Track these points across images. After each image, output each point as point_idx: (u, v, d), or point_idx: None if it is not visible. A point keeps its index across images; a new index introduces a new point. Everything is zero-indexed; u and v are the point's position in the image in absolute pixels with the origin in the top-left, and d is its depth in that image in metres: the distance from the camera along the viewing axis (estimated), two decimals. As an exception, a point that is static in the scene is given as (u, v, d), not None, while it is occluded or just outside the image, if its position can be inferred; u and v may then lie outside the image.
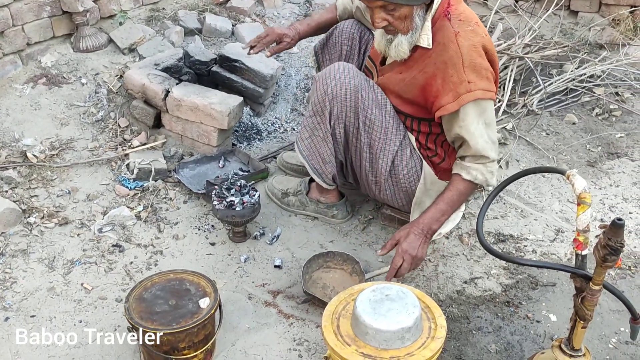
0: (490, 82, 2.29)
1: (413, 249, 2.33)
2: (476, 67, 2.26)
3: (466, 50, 2.25)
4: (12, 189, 2.79)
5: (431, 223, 2.36)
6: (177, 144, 3.22)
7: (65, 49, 3.51)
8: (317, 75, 2.51)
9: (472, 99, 2.26)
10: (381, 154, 2.51)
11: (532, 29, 3.95)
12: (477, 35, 2.28)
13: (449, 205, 2.38)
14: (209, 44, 3.88)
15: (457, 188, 2.38)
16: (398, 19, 2.27)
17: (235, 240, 2.72)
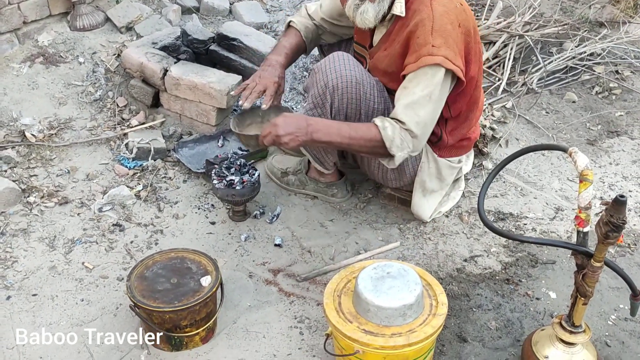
0: (457, 56, 2.22)
1: (283, 130, 2.22)
2: (445, 34, 2.20)
3: (438, 15, 2.21)
4: (11, 168, 2.78)
5: (320, 129, 2.27)
6: (176, 123, 3.21)
7: (62, 27, 3.47)
8: (316, 67, 2.46)
9: (431, 62, 2.20)
10: None
11: (532, 7, 3.92)
12: (452, 4, 2.24)
13: (351, 132, 2.27)
14: (207, 23, 3.84)
15: (363, 128, 2.29)
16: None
17: (235, 219, 2.72)
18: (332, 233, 2.67)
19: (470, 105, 2.47)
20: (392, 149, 2.28)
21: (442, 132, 2.51)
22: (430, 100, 2.24)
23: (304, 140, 2.25)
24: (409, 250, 2.58)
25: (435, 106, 2.28)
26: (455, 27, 2.22)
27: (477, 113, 2.58)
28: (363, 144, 2.30)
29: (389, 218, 2.76)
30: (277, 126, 2.24)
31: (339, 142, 2.29)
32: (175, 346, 2.12)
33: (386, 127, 2.26)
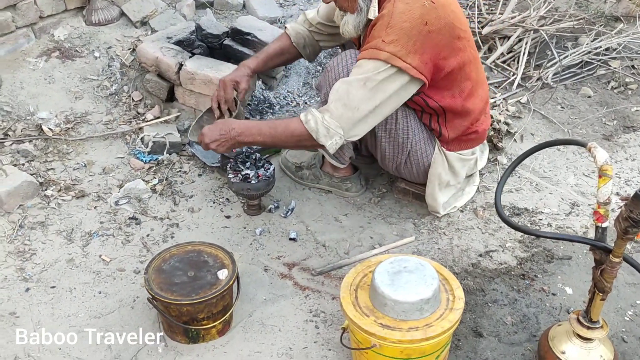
0: (408, 53, 2.21)
1: (209, 138, 2.39)
2: (399, 31, 2.20)
3: (398, 12, 2.22)
4: (29, 162, 2.81)
5: (242, 133, 2.39)
6: (191, 118, 3.22)
7: (78, 22, 3.49)
8: (328, 65, 2.50)
9: (375, 56, 2.22)
10: (400, 132, 2.51)
11: (547, 1, 3.90)
12: (417, 2, 2.22)
13: (271, 131, 2.38)
14: (221, 17, 3.85)
15: (290, 123, 2.37)
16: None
17: (250, 213, 2.73)
18: (347, 227, 2.68)
19: (464, 98, 2.46)
20: (320, 139, 2.33)
21: (441, 127, 2.52)
22: (364, 87, 2.25)
23: (230, 144, 2.40)
24: (424, 245, 2.58)
25: (372, 95, 2.26)
26: (416, 25, 2.21)
27: (479, 105, 2.55)
28: (288, 139, 2.40)
29: (403, 213, 2.77)
30: (204, 135, 2.41)
31: (263, 141, 2.42)
32: (192, 339, 2.13)
33: (309, 120, 2.32)
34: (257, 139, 2.40)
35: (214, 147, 2.40)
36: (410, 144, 2.54)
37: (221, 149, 2.41)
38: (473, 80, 2.45)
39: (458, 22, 2.34)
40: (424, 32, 2.21)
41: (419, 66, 2.24)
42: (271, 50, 2.79)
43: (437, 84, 2.36)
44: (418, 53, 2.22)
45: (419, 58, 2.23)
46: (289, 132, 2.37)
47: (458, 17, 2.35)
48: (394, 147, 2.55)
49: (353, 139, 2.37)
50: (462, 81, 2.41)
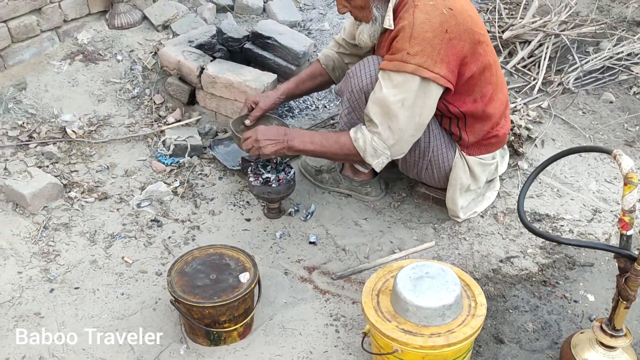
0: (435, 63, 2.23)
1: (263, 135, 2.43)
2: (423, 42, 2.22)
3: (419, 22, 2.23)
4: (53, 164, 2.84)
5: (295, 138, 2.44)
6: (212, 121, 3.25)
7: (101, 25, 3.53)
8: (350, 71, 2.51)
9: (401, 69, 2.25)
10: (422, 137, 2.51)
11: (569, 6, 3.88)
12: (436, 10, 2.24)
13: (322, 141, 2.44)
14: (241, 21, 3.87)
15: (339, 136, 2.44)
16: (354, 7, 2.39)
17: (270, 217, 2.74)
18: (367, 232, 2.68)
19: (486, 102, 2.46)
20: (367, 159, 2.40)
21: (461, 131, 2.53)
22: (403, 107, 2.28)
23: (280, 147, 2.44)
24: (444, 250, 2.57)
25: (412, 112, 2.30)
26: (438, 34, 2.22)
27: (499, 108, 2.55)
28: (337, 152, 2.45)
29: (423, 217, 2.77)
30: (257, 131, 2.45)
31: (313, 150, 2.46)
32: (214, 341, 2.15)
33: (358, 139, 2.38)
34: (308, 147, 2.45)
35: (262, 145, 2.42)
36: (431, 149, 2.54)
37: (269, 149, 2.42)
38: (494, 84, 2.46)
39: (477, 26, 2.35)
40: (446, 39, 2.23)
41: (446, 75, 2.26)
42: (303, 74, 2.86)
43: (459, 90, 2.37)
44: (444, 62, 2.24)
45: (446, 67, 2.25)
46: (338, 145, 2.43)
47: (476, 22, 2.36)
48: (416, 153, 2.56)
49: (400, 156, 2.43)
50: (483, 85, 2.42)
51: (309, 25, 3.95)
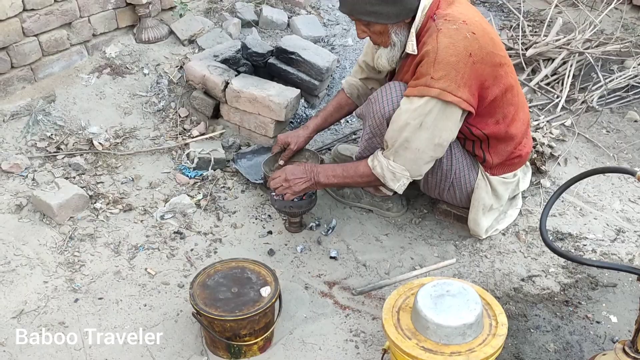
0: (458, 87, 2.24)
1: (292, 174, 2.52)
2: (447, 66, 2.23)
3: (443, 47, 2.24)
4: (80, 175, 2.90)
5: (321, 173, 2.52)
6: (235, 135, 3.28)
7: (128, 39, 3.60)
8: (372, 97, 2.53)
9: (426, 94, 2.26)
10: (444, 160, 2.52)
11: (593, 24, 3.87)
12: (460, 34, 2.25)
13: (344, 173, 2.52)
14: (266, 36, 3.92)
15: (359, 166, 2.51)
16: (374, 33, 2.40)
17: (291, 231, 2.76)
18: (387, 247, 2.69)
19: (508, 124, 2.47)
20: (388, 184, 2.45)
21: (485, 153, 2.54)
22: (421, 128, 2.30)
23: (309, 184, 2.53)
24: (465, 267, 2.57)
25: (431, 134, 2.31)
26: (462, 58, 2.23)
27: (521, 128, 2.55)
28: (359, 181, 2.53)
29: (444, 234, 2.77)
30: (286, 171, 2.55)
31: (337, 183, 2.57)
32: (234, 354, 2.17)
33: (375, 167, 2.44)
34: (332, 180, 2.53)
35: (291, 184, 2.51)
36: (453, 172, 2.55)
37: (299, 187, 2.52)
38: (515, 105, 2.47)
39: (498, 49, 2.36)
40: (469, 63, 2.24)
41: (469, 99, 2.27)
42: (329, 107, 2.90)
43: (481, 112, 2.38)
44: (467, 86, 2.25)
45: (468, 90, 2.26)
46: (358, 175, 2.50)
47: (497, 44, 2.38)
48: (438, 175, 2.57)
49: (419, 177, 2.46)
50: (505, 107, 2.43)
51: (332, 41, 3.99)
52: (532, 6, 4.36)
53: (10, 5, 3.01)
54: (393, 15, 2.30)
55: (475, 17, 2.36)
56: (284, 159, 2.80)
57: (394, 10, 2.29)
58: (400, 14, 2.31)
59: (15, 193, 2.78)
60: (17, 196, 2.76)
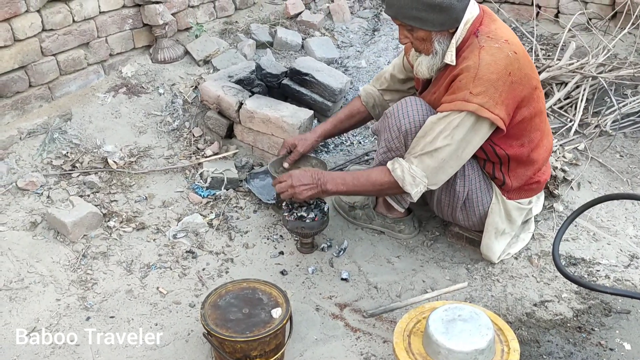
0: (497, 105, 2.25)
1: (298, 181, 2.49)
2: (487, 83, 2.24)
3: (484, 63, 2.26)
4: (94, 193, 2.93)
5: (328, 181, 2.50)
6: (248, 155, 3.31)
7: (145, 59, 3.65)
8: (388, 112, 2.55)
9: (463, 108, 2.27)
10: (458, 181, 2.53)
11: (606, 48, 3.87)
12: (502, 53, 2.27)
13: (354, 181, 2.49)
14: (280, 57, 3.96)
15: (372, 172, 2.49)
16: (416, 39, 2.40)
17: (303, 251, 2.77)
18: (399, 270, 2.68)
19: (532, 148, 2.48)
20: (406, 187, 2.41)
21: (504, 176, 2.54)
22: (451, 138, 2.31)
23: (316, 191, 2.50)
24: (477, 291, 2.56)
25: (458, 146, 2.33)
26: (502, 76, 2.25)
27: (543, 155, 2.57)
28: (372, 189, 2.51)
29: (456, 257, 2.76)
30: (292, 176, 2.52)
31: (346, 191, 2.53)
32: (244, 375, 2.16)
33: (396, 169, 2.41)
34: (341, 188, 2.51)
35: (298, 190, 2.49)
36: (466, 193, 2.55)
37: (304, 194, 2.50)
38: (541, 131, 2.48)
39: (534, 72, 2.40)
40: (508, 82, 2.26)
41: (504, 117, 2.29)
42: (341, 114, 2.90)
43: (508, 133, 2.38)
44: (504, 104, 2.27)
45: (505, 109, 2.28)
46: (371, 181, 2.48)
47: (533, 67, 2.41)
48: (450, 194, 2.57)
49: (435, 187, 2.45)
50: (532, 131, 2.44)
51: (346, 63, 4.02)
52: (545, 30, 4.37)
53: (29, 26, 3.07)
54: (438, 23, 2.31)
55: (515, 38, 2.39)
56: (290, 162, 2.80)
57: (440, 18, 2.29)
58: (445, 22, 2.31)
59: (30, 210, 2.81)
60: (32, 213, 2.79)
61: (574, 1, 4.27)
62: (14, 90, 3.10)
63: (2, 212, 2.78)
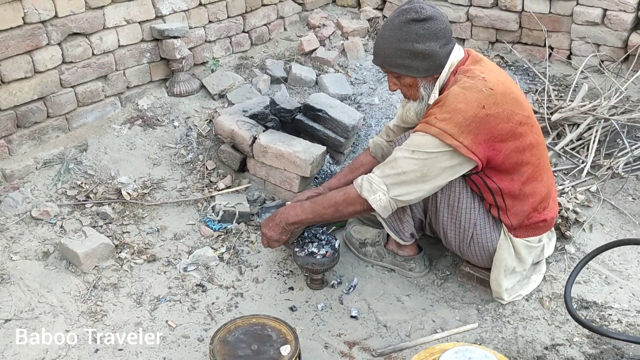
0: (461, 133, 2.27)
1: (264, 226, 2.63)
2: (453, 111, 2.29)
3: (452, 94, 2.32)
4: (107, 224, 2.95)
5: (288, 212, 2.58)
6: (260, 189, 3.33)
7: (161, 92, 3.71)
8: (396, 141, 2.61)
9: (425, 130, 2.33)
10: (463, 212, 2.53)
11: (619, 91, 3.89)
12: (475, 87, 2.31)
13: (313, 204, 2.55)
14: (294, 93, 4.01)
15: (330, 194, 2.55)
16: (404, 85, 2.50)
17: (313, 287, 2.76)
18: (409, 308, 2.67)
19: (523, 182, 2.47)
20: (364, 194, 2.43)
21: (500, 216, 2.54)
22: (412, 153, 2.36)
23: (280, 229, 2.59)
24: (487, 333, 2.53)
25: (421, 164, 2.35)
26: (471, 107, 2.28)
27: (540, 189, 2.54)
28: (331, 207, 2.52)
29: (466, 297, 2.74)
30: (262, 225, 2.66)
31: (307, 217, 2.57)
32: (252, 413, 2.15)
33: (357, 179, 2.48)
34: (302, 216, 2.56)
35: (268, 235, 2.61)
36: (473, 225, 2.55)
37: (274, 235, 2.60)
38: (534, 165, 2.47)
39: (519, 108, 2.39)
40: (481, 114, 2.28)
41: (470, 146, 2.29)
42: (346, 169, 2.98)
43: (497, 167, 2.40)
44: (472, 134, 2.29)
45: (472, 139, 2.29)
46: (331, 201, 2.52)
47: (520, 103, 2.41)
48: (456, 226, 2.57)
49: (399, 200, 2.43)
50: (522, 165, 2.44)
51: (359, 99, 4.06)
52: (558, 71, 4.40)
53: (50, 58, 3.14)
54: (422, 70, 2.40)
55: (499, 77, 2.42)
56: None
57: (424, 64, 2.39)
58: (430, 68, 2.41)
59: (43, 240, 2.83)
60: (44, 243, 2.81)
61: (586, 43, 4.30)
62: (32, 121, 3.16)
63: (15, 241, 2.80)
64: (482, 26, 4.61)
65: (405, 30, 2.36)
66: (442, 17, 2.40)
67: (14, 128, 3.11)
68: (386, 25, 2.44)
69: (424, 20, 2.35)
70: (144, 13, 3.54)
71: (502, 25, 4.54)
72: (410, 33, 2.36)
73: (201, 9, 3.88)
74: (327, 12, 4.84)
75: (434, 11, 2.38)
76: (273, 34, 4.49)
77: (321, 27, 4.63)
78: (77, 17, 3.22)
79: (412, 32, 2.35)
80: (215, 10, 3.97)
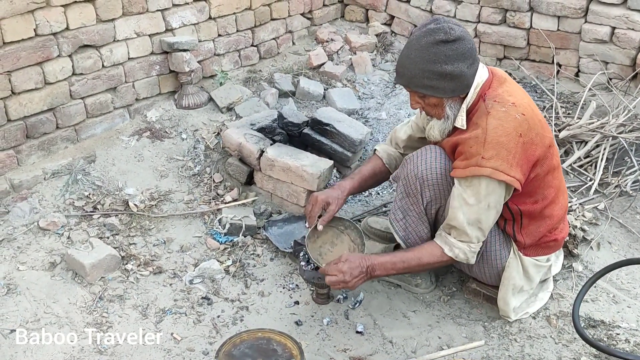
0: (511, 166, 2.28)
1: (350, 275, 2.42)
2: (497, 146, 2.28)
3: (492, 128, 2.30)
4: (114, 235, 2.95)
5: (377, 268, 2.47)
6: (267, 202, 3.33)
7: (169, 105, 3.73)
8: (407, 158, 2.59)
9: (477, 173, 2.31)
10: None
11: (627, 108, 3.88)
12: (509, 116, 2.30)
13: (404, 265, 2.49)
14: (302, 107, 4.02)
15: (426, 255, 2.48)
16: (428, 105, 2.44)
17: (319, 302, 2.75)
18: (415, 325, 2.65)
19: (546, 205, 2.48)
20: (470, 262, 2.49)
21: (515, 232, 2.54)
22: (489, 209, 2.38)
23: (367, 279, 2.49)
24: (494, 350, 2.51)
25: (496, 211, 2.41)
26: (512, 138, 2.29)
27: (558, 212, 2.56)
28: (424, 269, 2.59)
29: (473, 314, 2.72)
30: (344, 273, 2.42)
31: (396, 274, 2.62)
32: None
33: (458, 254, 2.45)
34: (391, 272, 2.55)
35: (351, 285, 2.44)
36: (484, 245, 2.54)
37: (357, 285, 2.48)
38: (555, 188, 2.48)
39: (546, 130, 2.42)
40: (520, 143, 2.29)
41: (521, 178, 2.33)
42: (365, 172, 2.86)
43: (522, 190, 2.39)
44: (519, 165, 2.31)
45: (520, 170, 2.31)
46: (423, 264, 2.50)
47: (545, 126, 2.43)
48: None
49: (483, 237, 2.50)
50: (545, 188, 2.45)
51: (366, 114, 4.07)
52: (566, 88, 4.40)
53: (60, 70, 3.17)
54: (449, 90, 2.36)
55: (525, 99, 2.42)
56: (324, 223, 2.67)
57: (451, 85, 2.34)
58: (457, 89, 2.36)
59: (50, 250, 2.84)
60: (51, 254, 2.82)
61: (595, 61, 4.30)
62: (41, 132, 3.18)
63: (22, 251, 2.81)
64: (490, 42, 4.61)
65: (434, 51, 2.28)
66: (468, 37, 2.35)
67: (24, 138, 3.13)
68: (411, 45, 2.35)
69: (453, 42, 2.28)
70: (154, 26, 3.57)
71: (510, 42, 4.54)
72: (439, 54, 2.28)
73: (211, 22, 3.91)
74: (335, 27, 4.86)
75: (462, 31, 2.31)
76: (282, 48, 4.51)
77: (329, 41, 4.65)
78: (88, 29, 3.25)
79: (441, 53, 2.28)
80: (225, 24, 4.00)
